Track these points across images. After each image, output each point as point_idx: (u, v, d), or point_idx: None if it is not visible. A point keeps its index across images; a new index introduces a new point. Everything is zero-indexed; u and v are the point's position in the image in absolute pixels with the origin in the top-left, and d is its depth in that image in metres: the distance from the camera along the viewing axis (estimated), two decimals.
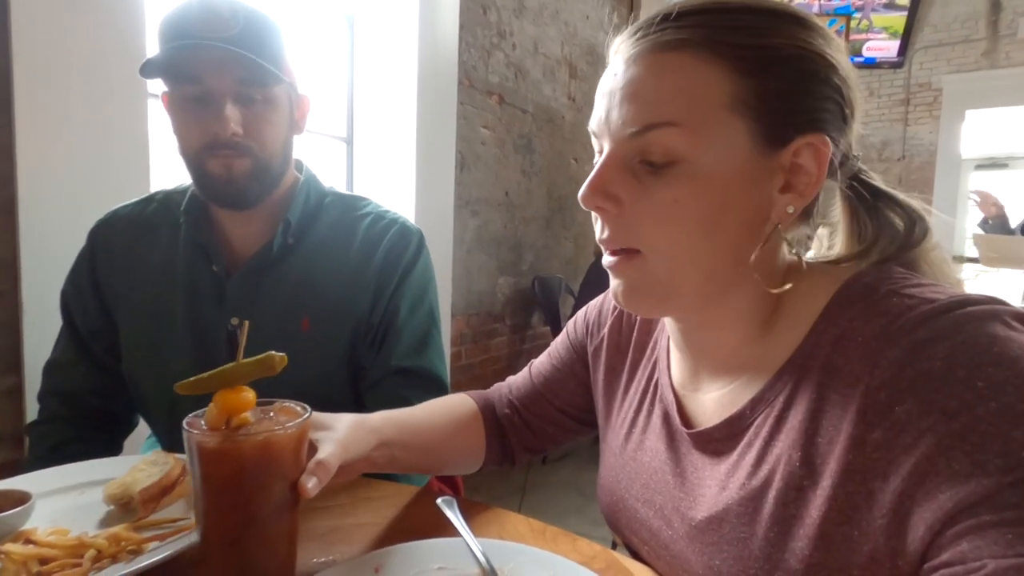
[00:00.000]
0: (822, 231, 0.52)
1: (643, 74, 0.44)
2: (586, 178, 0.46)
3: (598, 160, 0.47)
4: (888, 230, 0.47)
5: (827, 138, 0.43)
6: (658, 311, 0.53)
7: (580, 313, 0.73)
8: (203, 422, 0.45)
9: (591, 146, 0.49)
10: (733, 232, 0.44)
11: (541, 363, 0.74)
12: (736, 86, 0.42)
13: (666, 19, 0.44)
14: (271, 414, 0.47)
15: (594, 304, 0.72)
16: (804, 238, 0.52)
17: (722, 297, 0.48)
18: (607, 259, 0.49)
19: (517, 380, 0.76)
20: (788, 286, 0.45)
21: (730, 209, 0.44)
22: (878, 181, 0.49)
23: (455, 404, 0.72)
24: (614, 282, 0.50)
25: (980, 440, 0.33)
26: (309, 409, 0.48)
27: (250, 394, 0.45)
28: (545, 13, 2.98)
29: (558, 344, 0.74)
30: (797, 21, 0.44)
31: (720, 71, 0.42)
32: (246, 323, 0.48)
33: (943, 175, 4.39)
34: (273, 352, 0.46)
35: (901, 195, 0.48)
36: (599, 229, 0.48)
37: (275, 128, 0.79)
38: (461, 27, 2.36)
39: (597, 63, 3.53)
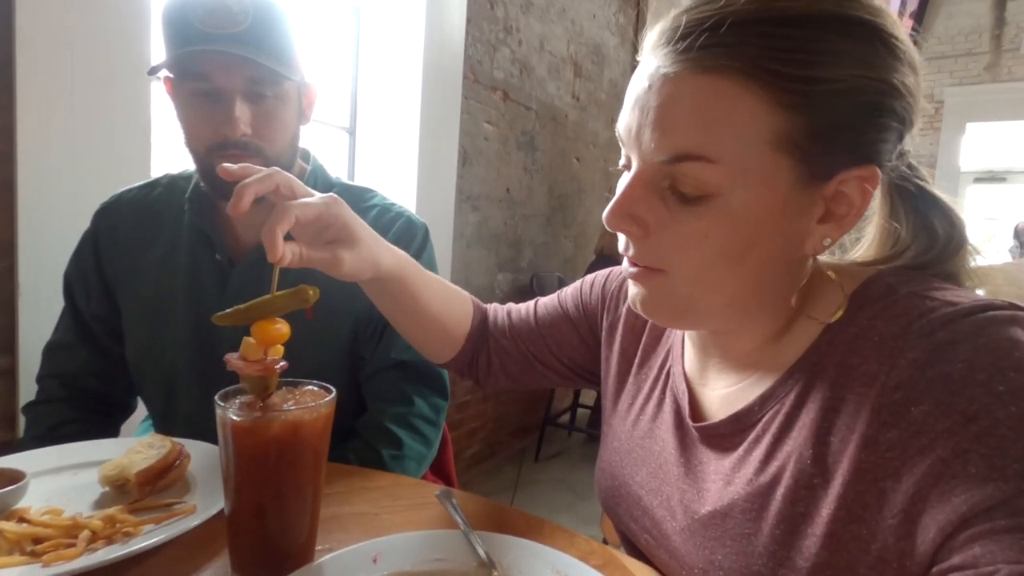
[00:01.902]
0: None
1: (679, 96, 0.40)
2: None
3: (626, 175, 0.45)
4: (924, 235, 0.45)
5: (878, 169, 0.41)
6: (675, 325, 0.52)
7: (598, 277, 0.71)
8: (239, 356, 0.46)
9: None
10: (761, 263, 0.43)
11: (546, 306, 0.72)
12: (783, 122, 0.38)
13: (714, 30, 0.38)
14: (297, 395, 0.49)
15: (615, 276, 0.69)
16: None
17: (743, 316, 0.47)
18: (629, 268, 0.47)
19: (520, 313, 0.73)
20: (817, 277, 0.44)
21: (761, 243, 0.42)
22: (927, 182, 0.46)
23: (458, 294, 0.70)
24: (633, 290, 0.48)
25: (999, 444, 0.33)
26: (334, 390, 0.49)
27: (284, 326, 0.47)
28: (552, 10, 2.97)
29: (567, 296, 0.72)
30: (860, 33, 0.38)
31: (766, 104, 0.38)
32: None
33: (942, 187, 4.33)
34: (305, 285, 0.47)
35: (947, 199, 0.45)
36: (623, 244, 0.47)
37: (285, 124, 0.78)
38: (468, 21, 2.35)
39: (602, 63, 3.53)
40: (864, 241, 0.50)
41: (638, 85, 0.43)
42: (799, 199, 0.41)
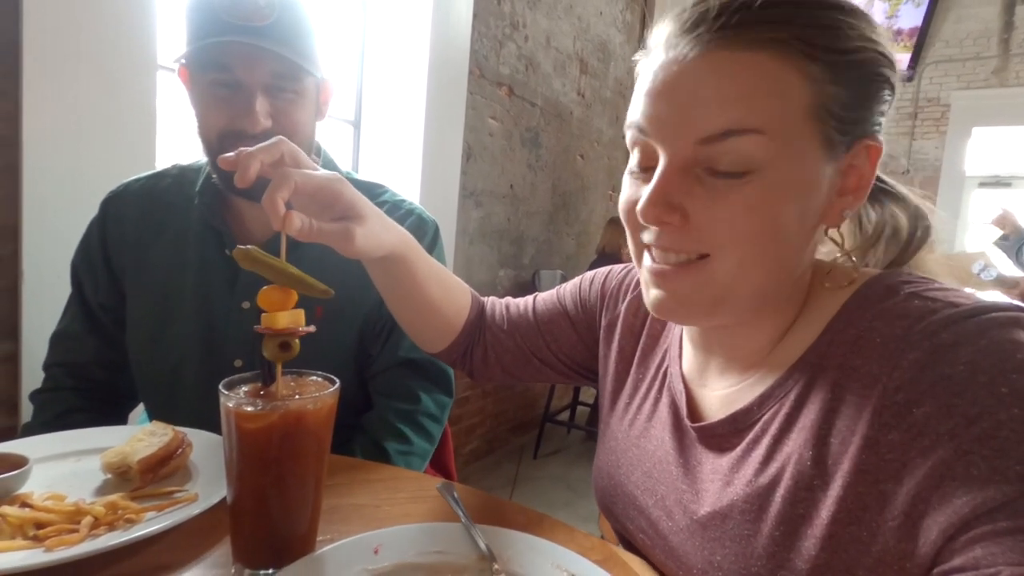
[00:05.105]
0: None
1: (717, 74, 0.40)
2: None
3: (628, 176, 0.46)
4: (892, 223, 0.48)
5: (880, 138, 0.43)
6: (704, 319, 0.48)
7: (598, 274, 0.70)
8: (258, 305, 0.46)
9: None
10: (800, 238, 0.43)
11: (545, 302, 0.72)
12: (818, 92, 0.40)
13: (746, 9, 0.39)
14: (301, 385, 0.49)
15: (615, 274, 0.69)
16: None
17: (769, 301, 0.46)
18: (658, 267, 0.45)
19: (518, 308, 0.72)
20: (829, 285, 0.45)
21: (802, 217, 0.42)
22: (885, 176, 0.49)
23: (459, 285, 0.70)
24: (659, 293, 0.46)
25: (1001, 446, 0.33)
26: (337, 381, 0.49)
27: (295, 298, 0.47)
28: (559, 6, 2.96)
29: (566, 293, 0.71)
30: (854, 10, 0.41)
31: (803, 75, 0.39)
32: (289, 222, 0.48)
33: (946, 191, 4.40)
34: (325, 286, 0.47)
35: (904, 190, 0.48)
36: (654, 236, 0.45)
37: (304, 119, 0.77)
38: (474, 16, 2.34)
39: (608, 60, 3.52)
40: (843, 237, 0.49)
41: (660, 76, 0.42)
42: (826, 171, 0.42)
